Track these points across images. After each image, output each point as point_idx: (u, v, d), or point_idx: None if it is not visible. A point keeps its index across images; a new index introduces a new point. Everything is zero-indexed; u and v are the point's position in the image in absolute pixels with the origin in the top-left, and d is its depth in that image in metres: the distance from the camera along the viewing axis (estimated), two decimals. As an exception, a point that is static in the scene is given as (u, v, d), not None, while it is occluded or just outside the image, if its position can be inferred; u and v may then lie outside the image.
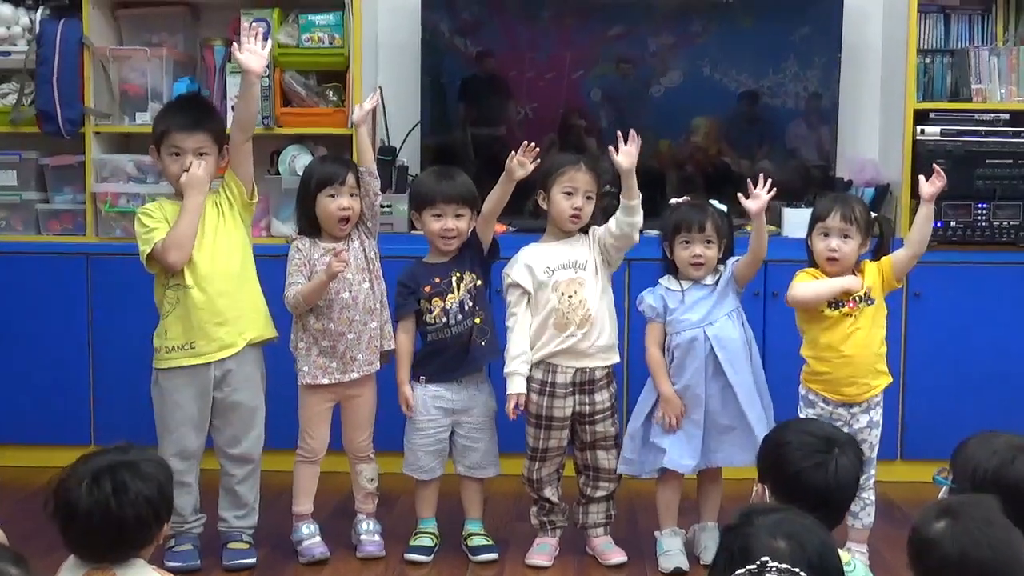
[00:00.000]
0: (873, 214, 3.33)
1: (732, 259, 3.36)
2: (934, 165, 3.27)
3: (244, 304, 3.33)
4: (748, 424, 3.27)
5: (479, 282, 3.38)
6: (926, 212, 3.23)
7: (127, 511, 2.06)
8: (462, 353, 3.36)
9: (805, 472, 2.23)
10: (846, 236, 3.22)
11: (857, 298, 3.22)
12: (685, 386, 3.30)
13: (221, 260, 3.29)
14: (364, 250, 3.40)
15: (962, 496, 1.97)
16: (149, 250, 3.25)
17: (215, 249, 3.29)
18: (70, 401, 4.16)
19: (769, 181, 3.27)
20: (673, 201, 3.44)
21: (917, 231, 3.25)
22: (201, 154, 3.29)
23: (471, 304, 3.36)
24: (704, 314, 3.30)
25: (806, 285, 3.25)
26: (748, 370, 3.31)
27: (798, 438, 2.30)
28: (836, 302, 3.22)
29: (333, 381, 3.35)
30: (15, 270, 4.17)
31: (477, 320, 3.36)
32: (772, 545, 1.66)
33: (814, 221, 3.28)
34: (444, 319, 3.35)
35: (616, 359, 3.38)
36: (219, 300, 3.27)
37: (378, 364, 3.40)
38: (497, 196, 3.33)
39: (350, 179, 3.35)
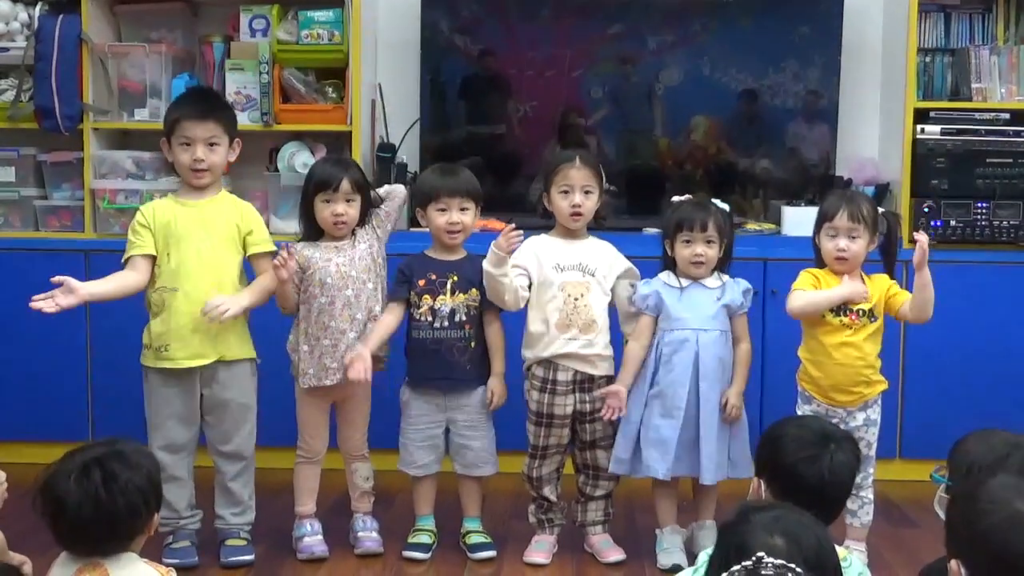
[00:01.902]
0: (881, 209, 3.32)
1: (746, 289, 3.34)
2: (915, 234, 3.19)
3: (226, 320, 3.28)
4: (706, 439, 3.26)
5: (478, 304, 3.36)
6: (921, 280, 3.15)
7: (118, 500, 2.07)
8: (443, 365, 3.34)
9: (799, 465, 2.23)
10: (854, 236, 3.21)
11: (861, 311, 3.20)
12: (671, 383, 3.28)
13: (211, 269, 3.26)
14: (372, 253, 3.37)
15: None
16: (124, 259, 3.29)
17: (210, 256, 3.27)
18: (68, 398, 4.16)
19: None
20: (675, 199, 3.43)
21: (917, 297, 3.18)
22: (212, 144, 3.28)
23: (463, 318, 3.34)
24: (702, 319, 3.29)
25: (802, 296, 3.21)
26: (717, 397, 3.28)
27: (795, 431, 2.30)
28: (841, 309, 3.21)
29: (334, 382, 3.33)
30: (13, 266, 4.15)
31: (461, 334, 3.33)
32: (769, 542, 1.66)
33: (821, 220, 3.26)
34: (429, 319, 3.33)
35: (612, 371, 3.37)
36: (200, 307, 3.24)
37: (377, 367, 3.39)
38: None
39: (345, 185, 3.31)
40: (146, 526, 2.15)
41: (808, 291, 3.22)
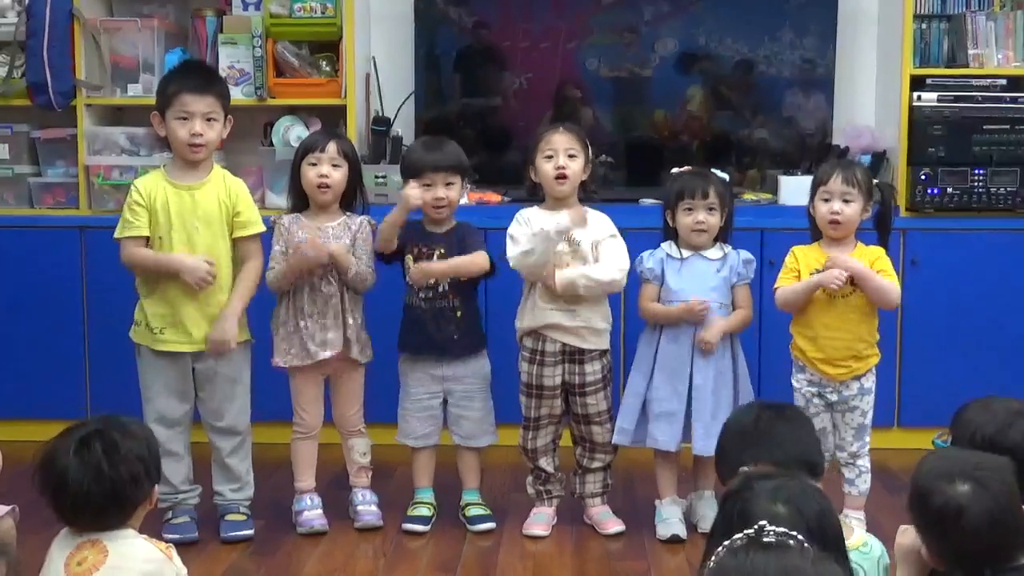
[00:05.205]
0: (875, 180, 3.31)
1: (747, 259, 3.35)
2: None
3: (218, 303, 3.27)
4: (698, 411, 3.29)
5: (462, 279, 3.36)
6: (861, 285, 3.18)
7: (120, 469, 2.09)
8: (430, 334, 3.35)
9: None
10: (847, 199, 3.20)
11: (851, 279, 3.20)
12: (674, 355, 3.30)
13: (203, 255, 3.24)
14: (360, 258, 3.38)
15: (980, 458, 1.94)
16: (117, 237, 3.26)
17: (201, 242, 3.24)
18: (65, 375, 4.15)
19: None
20: (675, 170, 3.44)
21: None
22: (209, 119, 3.26)
23: (446, 288, 3.34)
24: (700, 290, 3.29)
25: (780, 294, 3.24)
26: (710, 371, 3.29)
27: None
28: None
29: (308, 363, 3.33)
30: (8, 244, 4.14)
31: (445, 304, 3.34)
32: (771, 510, 1.66)
33: (815, 187, 3.26)
34: (415, 286, 3.36)
35: (606, 345, 3.37)
36: (195, 291, 3.23)
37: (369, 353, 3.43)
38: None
39: (331, 148, 3.32)
40: (147, 496, 2.16)
41: (786, 286, 3.23)
